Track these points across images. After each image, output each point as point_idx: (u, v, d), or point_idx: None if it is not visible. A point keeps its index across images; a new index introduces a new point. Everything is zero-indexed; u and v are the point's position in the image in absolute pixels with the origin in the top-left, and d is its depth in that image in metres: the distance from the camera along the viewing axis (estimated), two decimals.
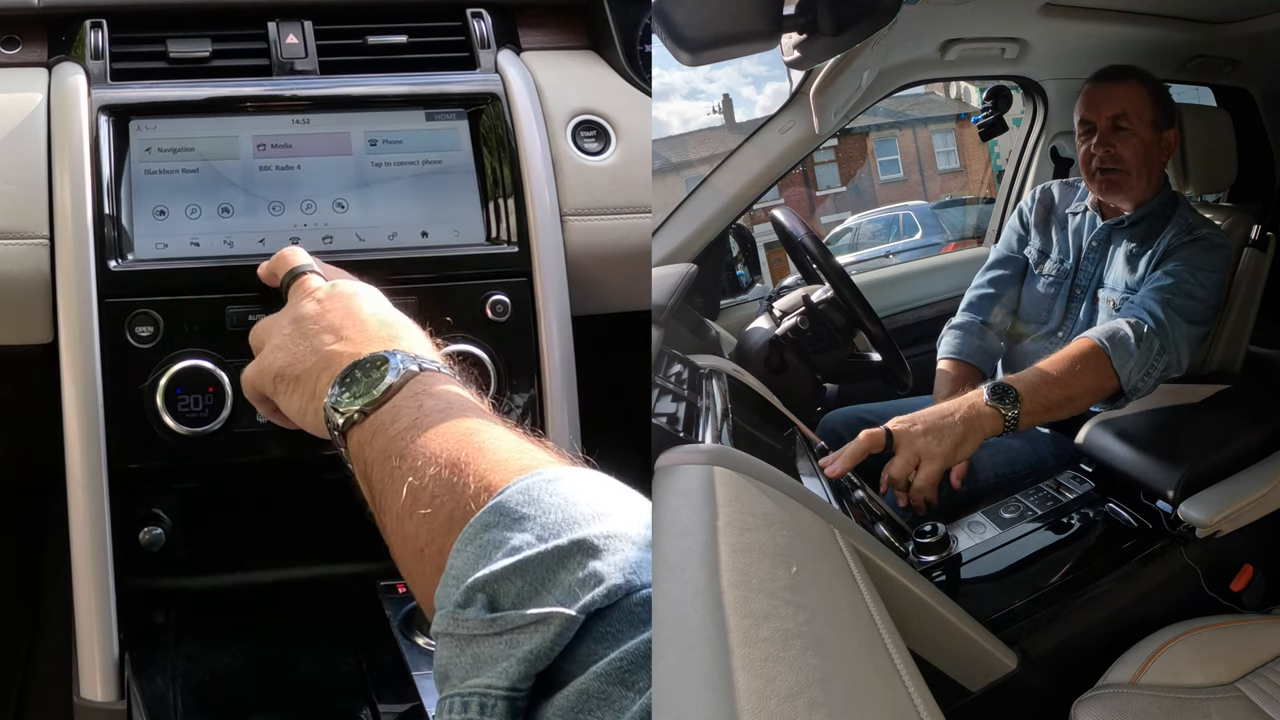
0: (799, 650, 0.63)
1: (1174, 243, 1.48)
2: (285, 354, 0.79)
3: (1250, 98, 1.84)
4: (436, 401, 0.69)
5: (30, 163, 1.02)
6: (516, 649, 0.53)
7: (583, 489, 0.60)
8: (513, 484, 0.60)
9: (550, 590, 0.54)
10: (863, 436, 1.16)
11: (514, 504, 0.58)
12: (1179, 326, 1.38)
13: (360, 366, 0.73)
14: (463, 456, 0.63)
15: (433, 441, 0.65)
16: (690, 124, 4.65)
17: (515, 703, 0.52)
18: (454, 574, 0.57)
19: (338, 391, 0.72)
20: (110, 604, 0.98)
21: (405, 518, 0.63)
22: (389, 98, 1.11)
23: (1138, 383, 1.33)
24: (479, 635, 0.54)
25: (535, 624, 0.53)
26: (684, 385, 1.15)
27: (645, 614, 0.53)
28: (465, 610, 0.55)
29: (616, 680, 0.50)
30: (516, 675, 0.52)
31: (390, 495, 0.65)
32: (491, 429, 0.67)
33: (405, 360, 0.72)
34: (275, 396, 0.80)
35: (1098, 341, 1.31)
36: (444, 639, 0.56)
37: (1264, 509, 1.33)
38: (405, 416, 0.68)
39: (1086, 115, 1.54)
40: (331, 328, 0.78)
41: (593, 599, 0.53)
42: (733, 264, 1.88)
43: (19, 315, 1.00)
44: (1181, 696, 1.11)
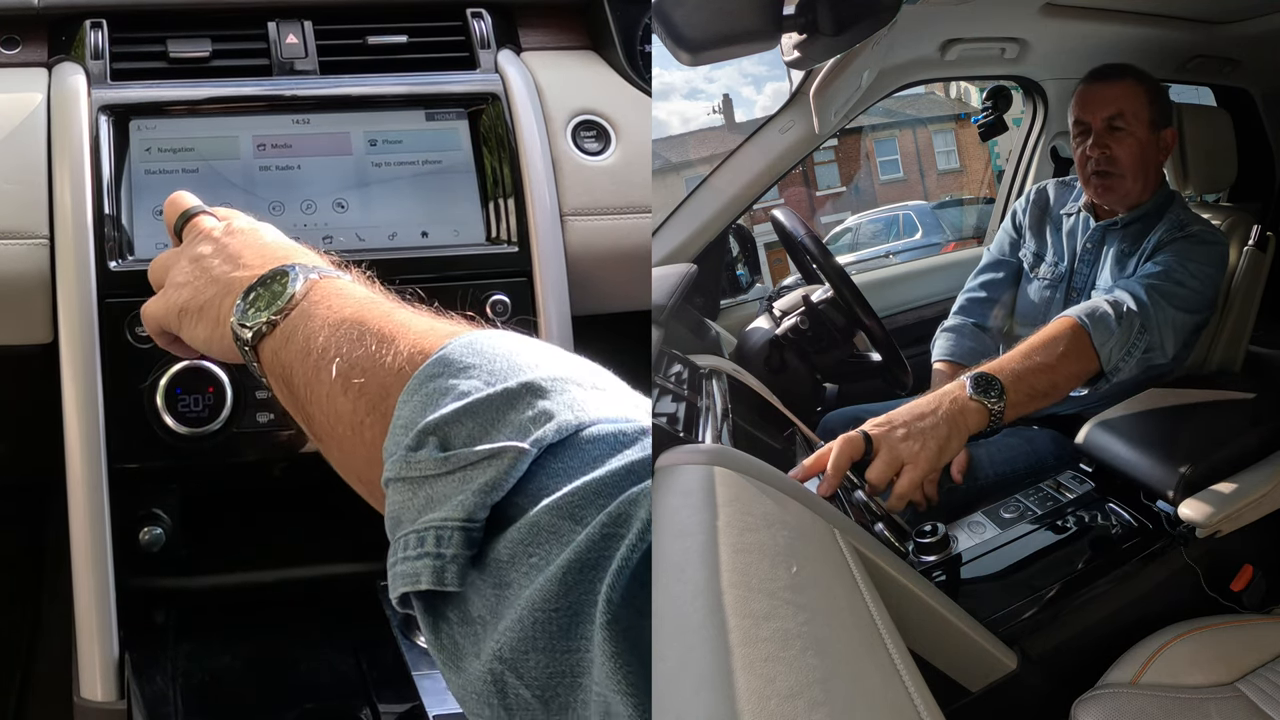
0: (799, 650, 0.63)
1: (1164, 238, 1.47)
2: (188, 289, 0.78)
3: (1250, 98, 1.83)
4: (345, 298, 0.69)
5: (30, 163, 1.02)
6: (470, 484, 0.53)
7: (523, 342, 0.60)
8: (454, 340, 0.60)
9: (501, 429, 0.54)
10: (842, 445, 1.05)
11: (458, 355, 0.58)
12: (1163, 310, 1.35)
13: (261, 283, 0.72)
14: (388, 331, 0.63)
15: (352, 327, 0.65)
16: (690, 124, 4.65)
17: (471, 533, 0.52)
18: (401, 423, 0.57)
19: (243, 307, 0.72)
20: (110, 604, 0.98)
21: (338, 396, 0.63)
22: (389, 98, 1.11)
23: (1119, 362, 1.29)
24: (432, 475, 0.54)
25: (488, 458, 0.53)
26: (684, 385, 1.15)
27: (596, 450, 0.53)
28: (417, 453, 0.55)
29: (566, 514, 0.50)
30: (472, 507, 0.52)
31: (317, 384, 0.65)
32: (408, 310, 0.67)
33: (304, 270, 0.72)
34: (180, 331, 0.80)
35: (1077, 319, 1.27)
36: (396, 484, 0.56)
37: (1264, 509, 1.33)
38: (318, 315, 0.68)
39: (1081, 116, 1.53)
40: (229, 259, 0.78)
41: (544, 434, 0.53)
42: (733, 264, 1.88)
43: (19, 315, 1.00)
44: (1181, 696, 1.11)
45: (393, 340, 0.63)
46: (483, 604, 0.51)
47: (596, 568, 0.47)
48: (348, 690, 0.98)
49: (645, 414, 0.57)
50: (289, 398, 0.69)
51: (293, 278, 0.71)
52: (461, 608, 0.52)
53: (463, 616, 0.52)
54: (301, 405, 0.67)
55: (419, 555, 0.53)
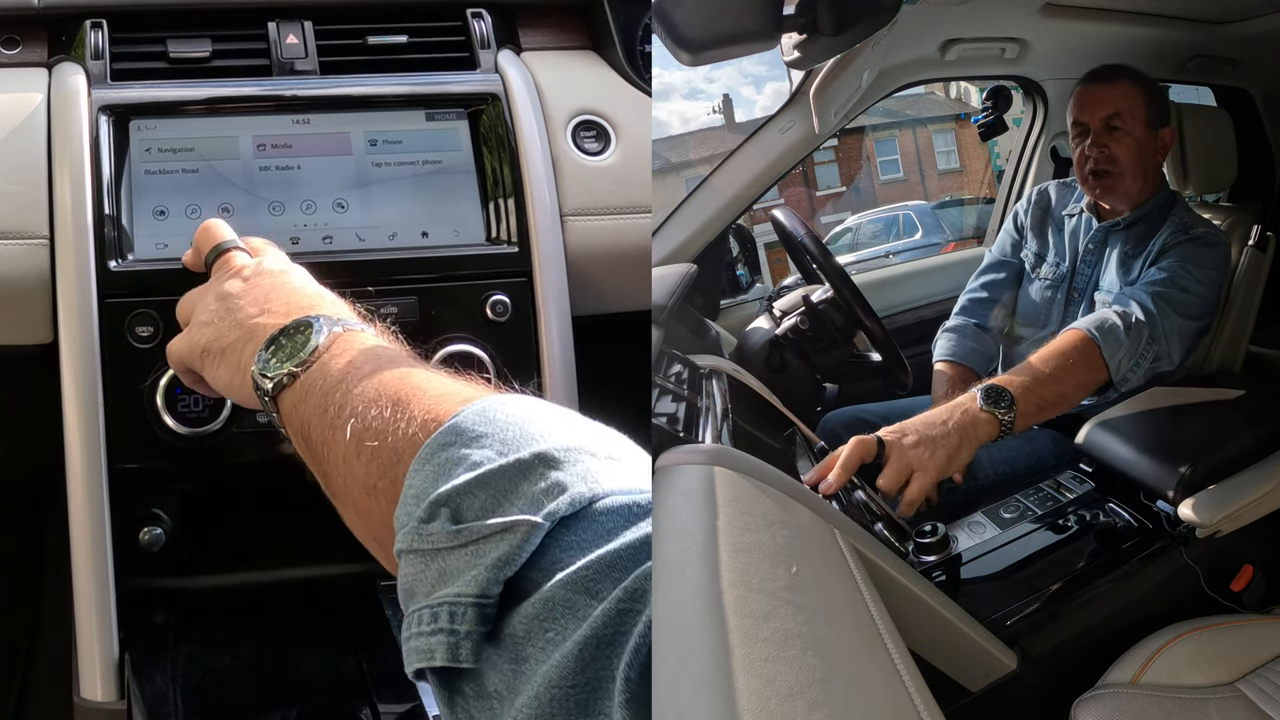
0: (799, 650, 0.63)
1: (1169, 241, 1.47)
2: (211, 329, 0.79)
3: (1250, 98, 1.84)
4: (366, 355, 0.69)
5: (30, 163, 1.02)
6: (483, 558, 0.52)
7: (536, 409, 0.60)
8: (467, 407, 0.60)
9: (514, 501, 0.54)
10: (854, 447, 1.09)
11: (470, 424, 0.58)
12: (1170, 319, 1.36)
13: (285, 333, 0.73)
14: (404, 395, 0.63)
15: (369, 387, 0.65)
16: (690, 124, 4.65)
17: (485, 609, 0.52)
18: (413, 493, 0.57)
19: (265, 357, 0.72)
20: (110, 604, 0.98)
21: (352, 459, 0.63)
22: (389, 98, 1.11)
23: (1127, 373, 1.31)
24: (444, 548, 0.54)
25: (501, 532, 0.53)
26: (684, 385, 1.15)
27: (609, 523, 0.53)
28: (429, 525, 0.55)
29: (581, 589, 0.50)
30: (485, 582, 0.52)
31: (333, 444, 0.65)
32: (426, 371, 0.67)
33: (329, 322, 0.72)
34: (203, 371, 0.80)
35: (1087, 332, 1.29)
36: (408, 556, 0.56)
37: (1264, 509, 1.33)
38: (337, 371, 0.68)
39: (1079, 117, 1.53)
40: (256, 302, 0.78)
41: (557, 507, 0.53)
42: (733, 264, 1.88)
43: (19, 315, 1.00)
44: (1181, 696, 1.11)
45: (407, 405, 0.62)
46: (499, 679, 0.51)
47: (613, 644, 0.47)
48: (348, 690, 0.98)
49: None
50: (306, 452, 0.69)
51: (316, 329, 0.71)
52: (477, 682, 0.52)
53: (479, 691, 0.51)
54: (319, 462, 0.67)
55: (433, 631, 0.53)
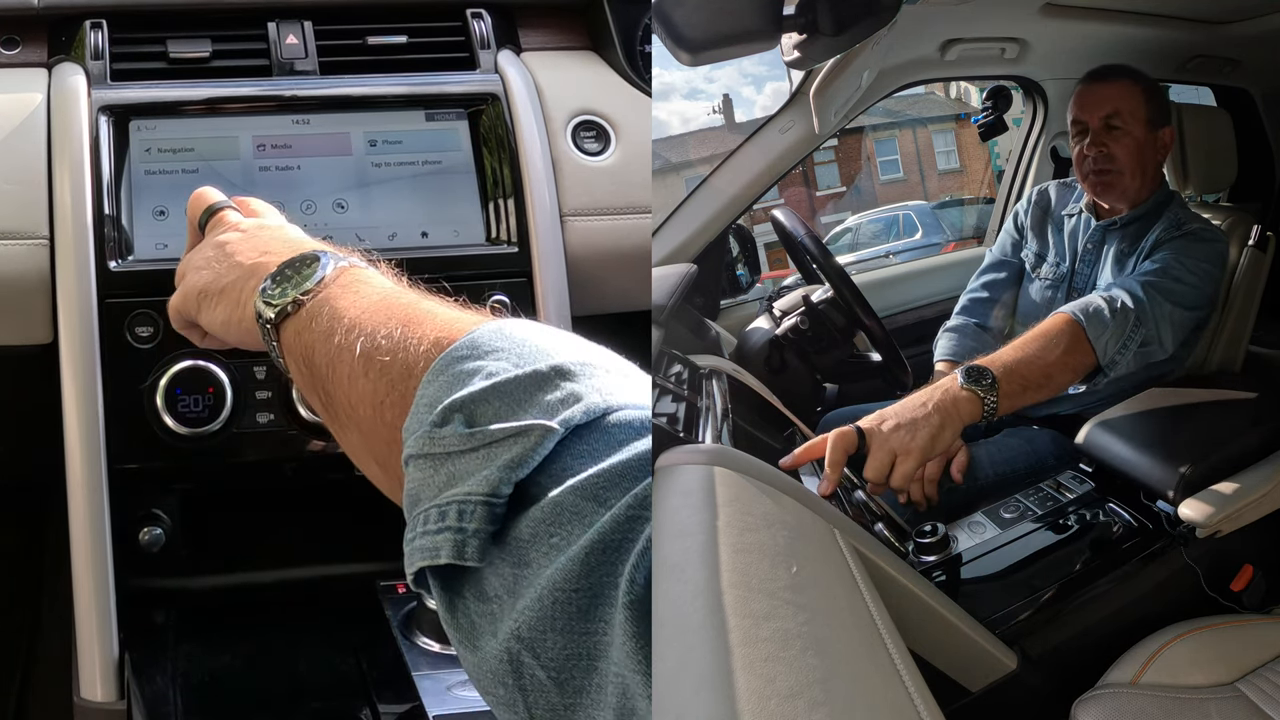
0: (799, 650, 0.63)
1: (1162, 236, 1.47)
2: (209, 272, 0.78)
3: (1250, 98, 1.84)
4: (373, 286, 0.69)
5: (30, 163, 1.02)
6: (495, 460, 0.52)
7: (550, 330, 0.61)
8: (483, 325, 0.60)
9: (528, 409, 0.54)
10: (836, 440, 1.06)
11: (486, 339, 0.58)
12: (1160, 305, 1.35)
13: (290, 265, 0.72)
14: (414, 317, 0.63)
15: (379, 312, 0.65)
16: (690, 124, 4.65)
17: (494, 509, 0.52)
18: (426, 401, 0.57)
19: (269, 285, 0.71)
20: (110, 604, 0.98)
21: (359, 376, 0.63)
22: (389, 98, 1.11)
23: (1115, 356, 1.30)
24: (456, 451, 0.54)
25: (515, 436, 0.53)
26: (684, 385, 1.15)
27: (622, 434, 0.53)
28: (442, 428, 0.55)
29: (590, 495, 0.50)
30: (496, 481, 0.52)
31: (339, 364, 0.64)
32: (435, 300, 0.67)
33: (334, 257, 0.72)
34: (199, 314, 0.79)
35: (1072, 315, 1.28)
36: (417, 461, 0.55)
37: (1264, 509, 1.33)
38: (346, 298, 0.68)
39: (1079, 116, 1.53)
40: (255, 248, 0.78)
41: (571, 414, 0.53)
42: (733, 264, 1.88)
43: (19, 315, 1.00)
44: (1181, 696, 1.11)
45: (419, 324, 0.63)
46: (500, 583, 0.51)
47: (619, 549, 0.47)
48: (348, 690, 0.98)
49: None
50: (308, 379, 0.68)
51: (323, 263, 0.71)
52: (479, 586, 0.52)
53: (479, 594, 0.51)
54: (322, 385, 0.67)
55: (439, 529, 0.52)
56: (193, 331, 0.84)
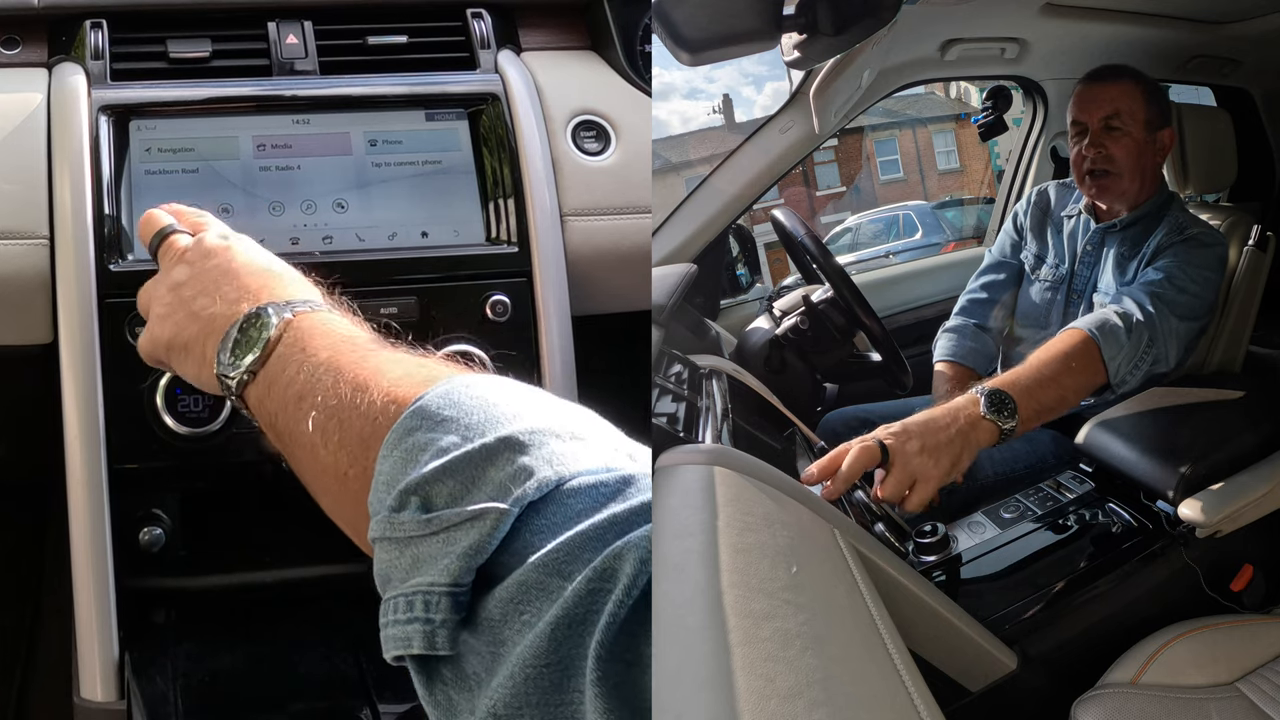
0: (799, 650, 0.63)
1: (1164, 242, 1.47)
2: (170, 324, 0.79)
3: (1250, 98, 1.83)
4: (321, 340, 0.70)
5: (30, 163, 1.02)
6: (454, 546, 0.53)
7: (499, 390, 0.61)
8: (430, 390, 0.60)
9: (482, 487, 0.55)
10: (858, 455, 1.05)
11: (435, 407, 0.59)
12: (1168, 321, 1.35)
13: (239, 328, 0.73)
14: (361, 379, 0.64)
15: (327, 375, 0.66)
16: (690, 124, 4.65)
17: (458, 598, 0.53)
18: (384, 480, 0.58)
19: (225, 358, 0.73)
20: (110, 604, 0.98)
21: (319, 448, 0.64)
22: (389, 98, 1.11)
23: (1126, 375, 1.30)
24: (416, 536, 0.55)
25: (470, 520, 0.53)
26: (684, 385, 1.15)
27: (578, 504, 0.53)
28: (400, 514, 0.56)
29: (553, 570, 0.50)
30: (457, 571, 0.53)
31: (298, 434, 0.66)
32: (382, 352, 0.68)
33: (277, 310, 0.73)
34: (171, 366, 0.81)
35: (1088, 332, 1.28)
36: (382, 544, 0.57)
37: (1264, 509, 1.33)
38: (294, 362, 0.69)
39: (1078, 116, 1.53)
40: (206, 290, 0.78)
41: (524, 492, 0.54)
42: (733, 264, 1.88)
43: (19, 315, 1.00)
44: (1181, 696, 1.11)
45: (366, 389, 0.63)
46: (478, 662, 0.51)
47: (584, 623, 0.48)
48: (348, 690, 0.98)
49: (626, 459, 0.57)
50: (278, 442, 0.70)
51: (265, 321, 0.72)
52: (455, 666, 0.53)
53: (457, 675, 0.52)
54: (290, 452, 0.69)
55: (409, 620, 0.54)
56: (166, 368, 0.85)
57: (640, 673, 0.46)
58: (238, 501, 1.11)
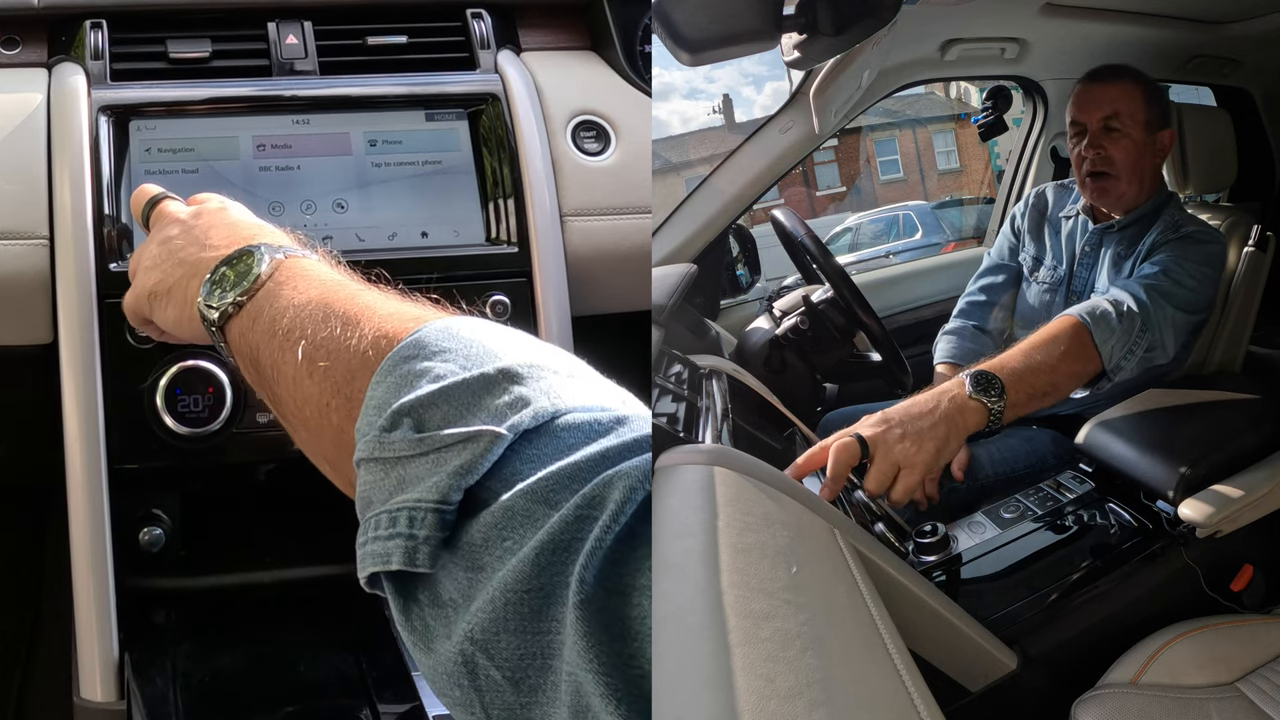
0: (799, 650, 0.63)
1: (1160, 239, 1.46)
2: (156, 272, 0.79)
3: (1250, 98, 1.83)
4: (311, 279, 0.69)
5: (30, 163, 1.02)
6: (444, 465, 0.53)
7: (496, 329, 0.60)
8: (430, 324, 0.60)
9: (477, 413, 0.54)
10: (838, 454, 1.01)
11: (433, 339, 0.58)
12: (1163, 309, 1.34)
13: (227, 263, 0.73)
14: (353, 313, 0.64)
15: (317, 308, 0.65)
16: (690, 124, 4.64)
17: (444, 515, 0.52)
18: (375, 403, 0.57)
19: (208, 289, 0.72)
20: (110, 604, 0.98)
21: (303, 378, 0.63)
22: (389, 98, 1.11)
23: (1120, 361, 1.28)
24: (406, 456, 0.54)
25: (464, 441, 0.53)
26: (684, 385, 1.15)
27: (571, 438, 0.53)
28: (391, 433, 0.55)
29: (540, 499, 0.50)
30: (445, 489, 0.52)
31: (283, 365, 0.65)
32: (374, 292, 0.67)
33: (270, 250, 0.72)
34: (152, 314, 0.80)
35: (1079, 317, 1.26)
36: (368, 464, 0.56)
37: (1264, 509, 1.33)
38: (283, 297, 0.68)
39: (1077, 117, 1.52)
40: (195, 240, 0.78)
41: (520, 419, 0.53)
42: (733, 264, 1.88)
43: (19, 315, 1.00)
44: (1181, 696, 1.11)
45: (357, 323, 0.63)
46: (454, 586, 0.51)
47: (569, 549, 0.47)
48: (348, 690, 0.98)
49: (619, 403, 0.56)
50: (256, 378, 0.69)
51: (258, 258, 0.71)
52: (432, 589, 0.52)
53: (433, 598, 0.52)
54: (269, 386, 0.67)
55: (390, 535, 0.53)
56: (150, 328, 0.85)
57: (621, 601, 0.46)
58: (238, 501, 1.11)
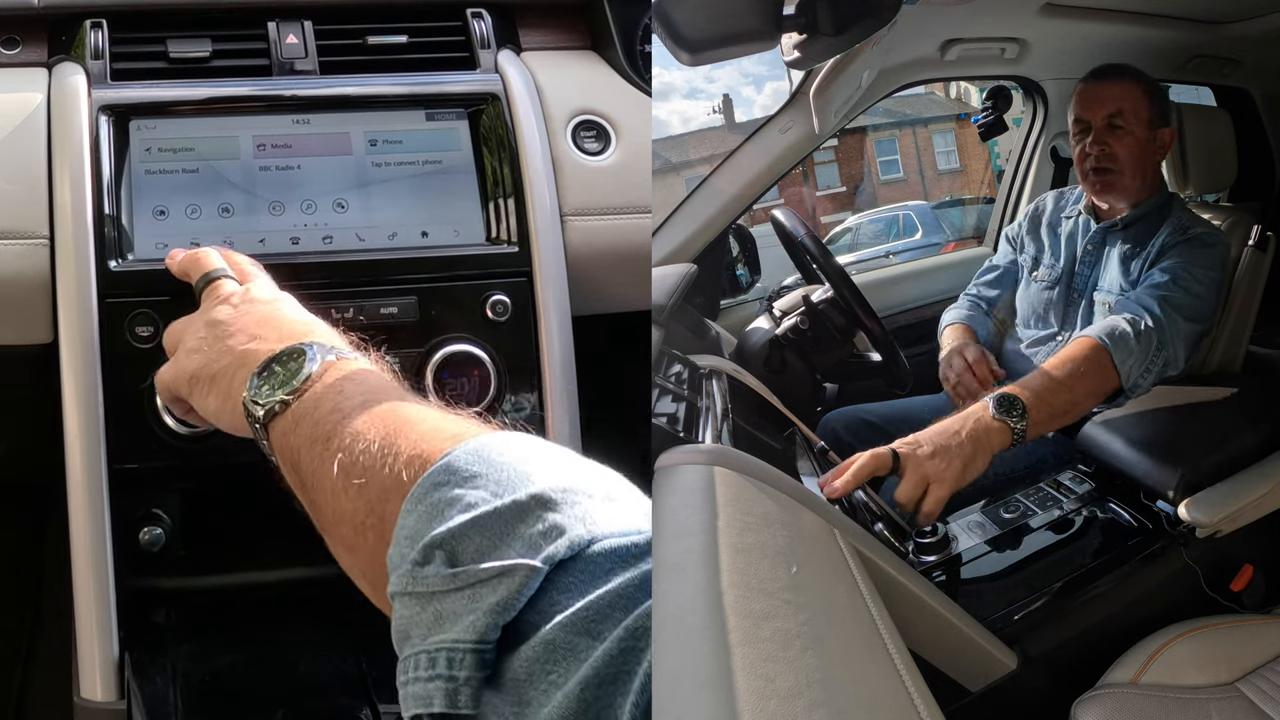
0: (799, 650, 0.63)
1: (1169, 242, 1.48)
2: (200, 356, 0.78)
3: (1250, 98, 1.84)
4: (358, 385, 0.69)
5: (30, 163, 1.02)
6: (481, 602, 0.52)
7: (530, 448, 0.60)
8: (460, 445, 0.59)
9: (510, 544, 0.53)
10: (867, 459, 1.10)
11: (463, 463, 0.58)
12: (1176, 324, 1.37)
13: (278, 360, 0.72)
14: (391, 429, 0.63)
15: (358, 420, 0.65)
16: (690, 124, 4.65)
17: (483, 655, 0.52)
18: (406, 534, 0.57)
19: (256, 384, 0.71)
20: (110, 604, 0.98)
21: (339, 494, 0.63)
22: (389, 98, 1.11)
23: (1138, 379, 1.32)
24: (440, 591, 0.53)
25: (499, 576, 0.52)
26: (684, 385, 1.15)
27: (607, 564, 0.52)
28: (424, 568, 0.54)
29: (582, 630, 0.49)
30: (483, 628, 0.52)
31: (321, 476, 0.65)
32: (416, 405, 0.67)
33: (322, 350, 0.72)
34: (191, 398, 0.80)
35: (1098, 339, 1.30)
36: (403, 599, 0.55)
37: (1264, 509, 1.33)
38: (328, 401, 0.68)
39: (1081, 115, 1.54)
40: (246, 330, 0.78)
41: (555, 549, 0.53)
42: (733, 264, 1.88)
43: (19, 315, 1.00)
44: (1181, 696, 1.11)
45: (394, 440, 0.62)
46: None
47: (616, 682, 0.47)
48: (348, 690, 0.98)
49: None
50: (297, 482, 0.68)
51: (309, 357, 0.71)
52: None
53: None
54: (308, 493, 0.67)
55: (430, 677, 0.52)
56: (178, 405, 0.84)
57: None
58: (238, 501, 1.10)
